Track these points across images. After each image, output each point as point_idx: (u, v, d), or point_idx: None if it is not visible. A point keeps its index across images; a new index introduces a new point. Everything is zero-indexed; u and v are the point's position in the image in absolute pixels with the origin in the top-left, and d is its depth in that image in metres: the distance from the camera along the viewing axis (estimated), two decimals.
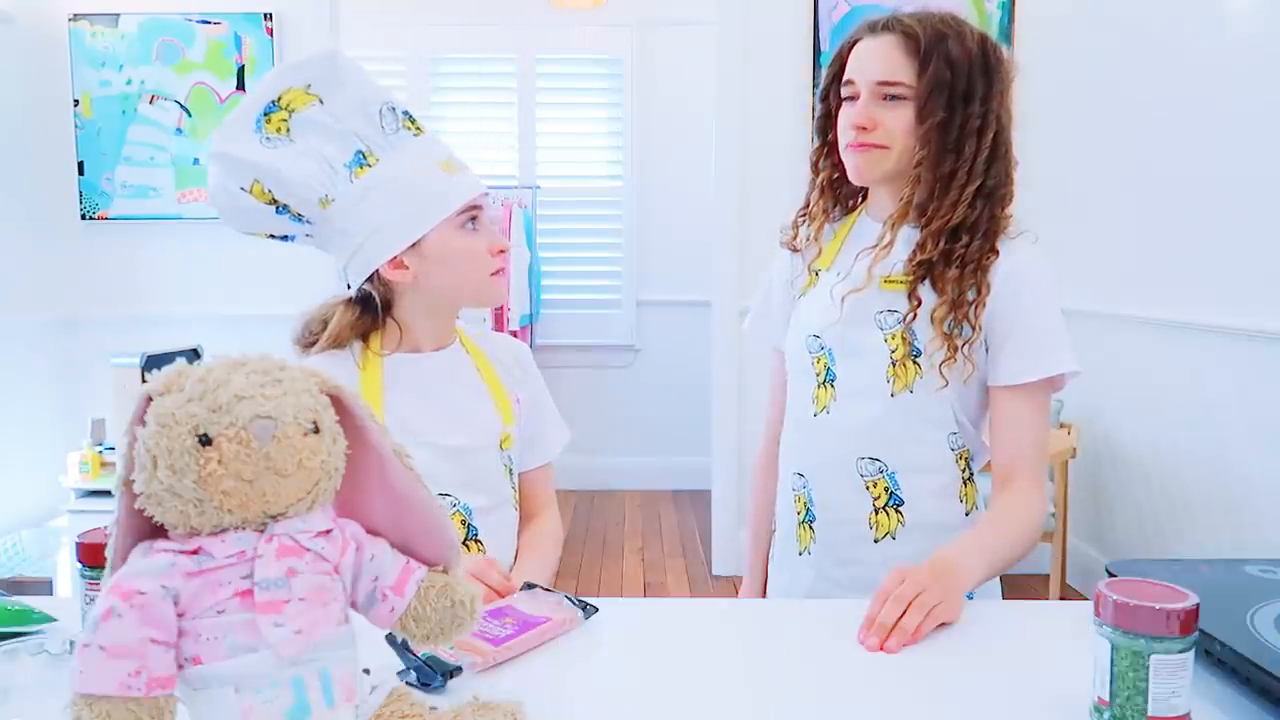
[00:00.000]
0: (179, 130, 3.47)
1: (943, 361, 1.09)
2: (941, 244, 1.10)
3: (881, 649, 0.88)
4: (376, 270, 1.10)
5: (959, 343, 1.09)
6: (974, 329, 1.09)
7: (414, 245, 1.09)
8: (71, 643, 0.84)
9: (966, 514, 1.16)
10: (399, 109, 1.09)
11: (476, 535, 1.13)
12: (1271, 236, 2.33)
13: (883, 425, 1.11)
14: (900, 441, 1.11)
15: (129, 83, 3.45)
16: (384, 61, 4.69)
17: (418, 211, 1.08)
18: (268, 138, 1.03)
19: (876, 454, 1.13)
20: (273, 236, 1.11)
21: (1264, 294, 2.36)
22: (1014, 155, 1.15)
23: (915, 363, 1.10)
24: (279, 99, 1.03)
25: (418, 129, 1.10)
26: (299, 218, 1.07)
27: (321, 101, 1.04)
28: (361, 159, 1.05)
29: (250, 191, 1.02)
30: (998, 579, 1.18)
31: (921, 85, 1.10)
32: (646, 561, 3.76)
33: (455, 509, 1.11)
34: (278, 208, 1.04)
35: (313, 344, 1.14)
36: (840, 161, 1.18)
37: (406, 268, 1.09)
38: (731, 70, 3.32)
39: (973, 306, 1.10)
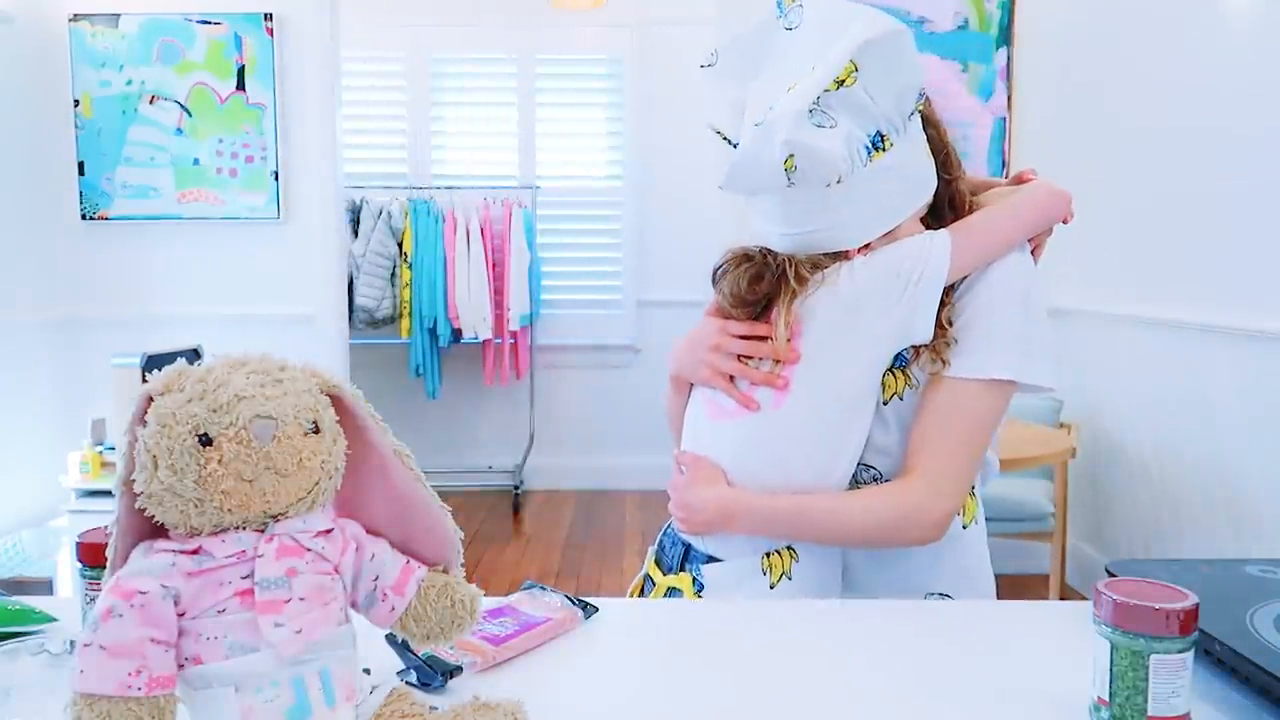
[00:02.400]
0: (179, 130, 3.47)
1: (932, 345, 1.05)
2: None
3: None
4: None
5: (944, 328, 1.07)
6: (950, 321, 1.06)
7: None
8: (72, 643, 0.84)
9: (964, 527, 1.12)
10: (923, 92, 1.03)
11: None
12: (1271, 236, 2.33)
13: (874, 434, 1.08)
14: (893, 450, 1.08)
15: (129, 83, 3.45)
16: (384, 61, 4.69)
17: (910, 196, 1.05)
18: (817, 125, 0.97)
19: (870, 461, 1.10)
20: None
21: (1264, 294, 2.37)
22: (940, 124, 1.11)
23: (903, 372, 1.07)
24: (840, 78, 0.96)
25: (920, 107, 1.04)
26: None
27: (862, 77, 0.97)
28: (880, 141, 0.99)
29: (784, 163, 0.97)
30: (993, 580, 1.17)
31: None
32: None
33: None
34: (789, 177, 0.98)
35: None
36: None
37: (868, 248, 1.05)
38: None
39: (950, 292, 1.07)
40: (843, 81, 0.95)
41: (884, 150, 0.99)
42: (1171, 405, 2.77)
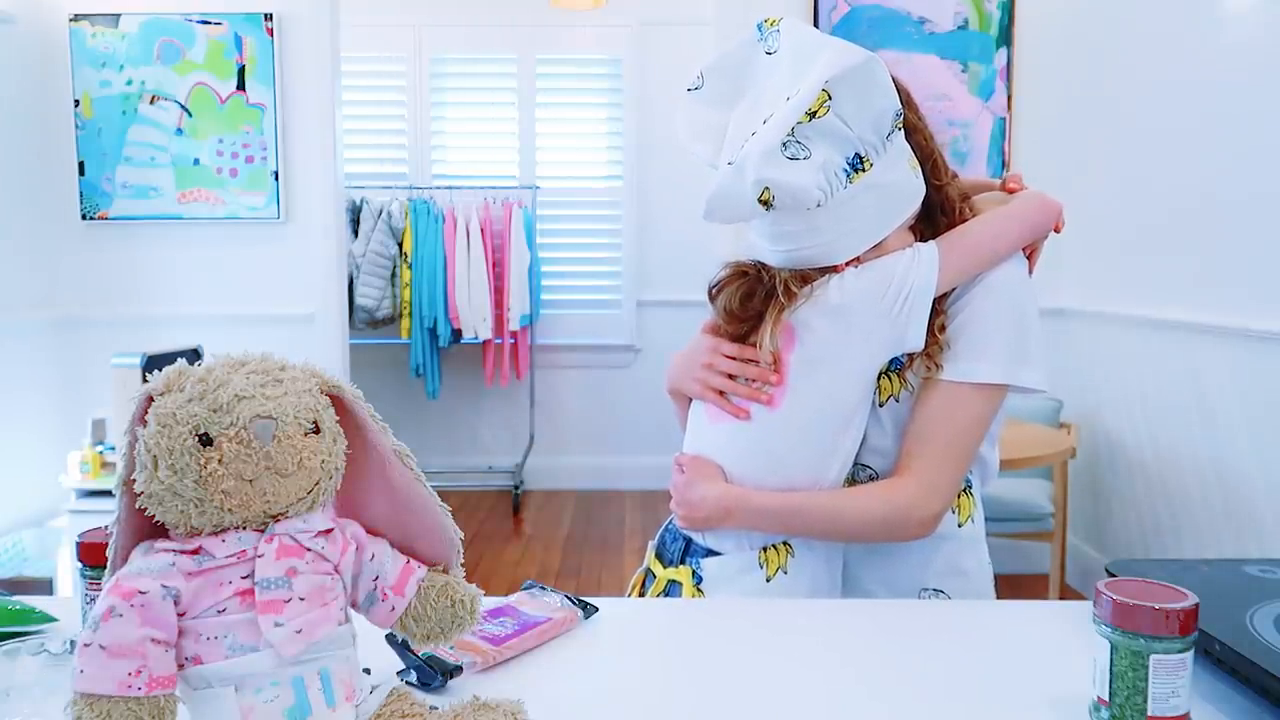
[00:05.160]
0: (179, 130, 3.47)
1: (925, 351, 1.07)
2: None
3: None
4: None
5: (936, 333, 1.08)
6: (942, 320, 1.08)
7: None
8: (72, 642, 0.84)
9: (959, 525, 1.14)
10: (900, 113, 1.03)
11: None
12: (1271, 236, 2.33)
13: (871, 435, 1.11)
14: (888, 451, 1.11)
15: (129, 83, 3.45)
16: (384, 61, 4.69)
17: (894, 210, 1.06)
18: (791, 157, 0.98)
19: (867, 461, 1.13)
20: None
21: (1263, 294, 2.37)
22: (925, 130, 1.12)
23: (899, 375, 1.10)
24: (812, 109, 0.97)
25: (900, 126, 1.04)
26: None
27: (835, 106, 0.97)
28: (859, 163, 1.01)
29: (759, 198, 0.99)
30: (993, 582, 1.18)
31: None
32: None
33: None
34: (769, 208, 1.00)
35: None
36: None
37: (859, 262, 1.07)
38: None
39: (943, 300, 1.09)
40: (814, 113, 0.97)
41: (864, 171, 1.01)
42: (1171, 405, 2.77)
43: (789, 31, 1.06)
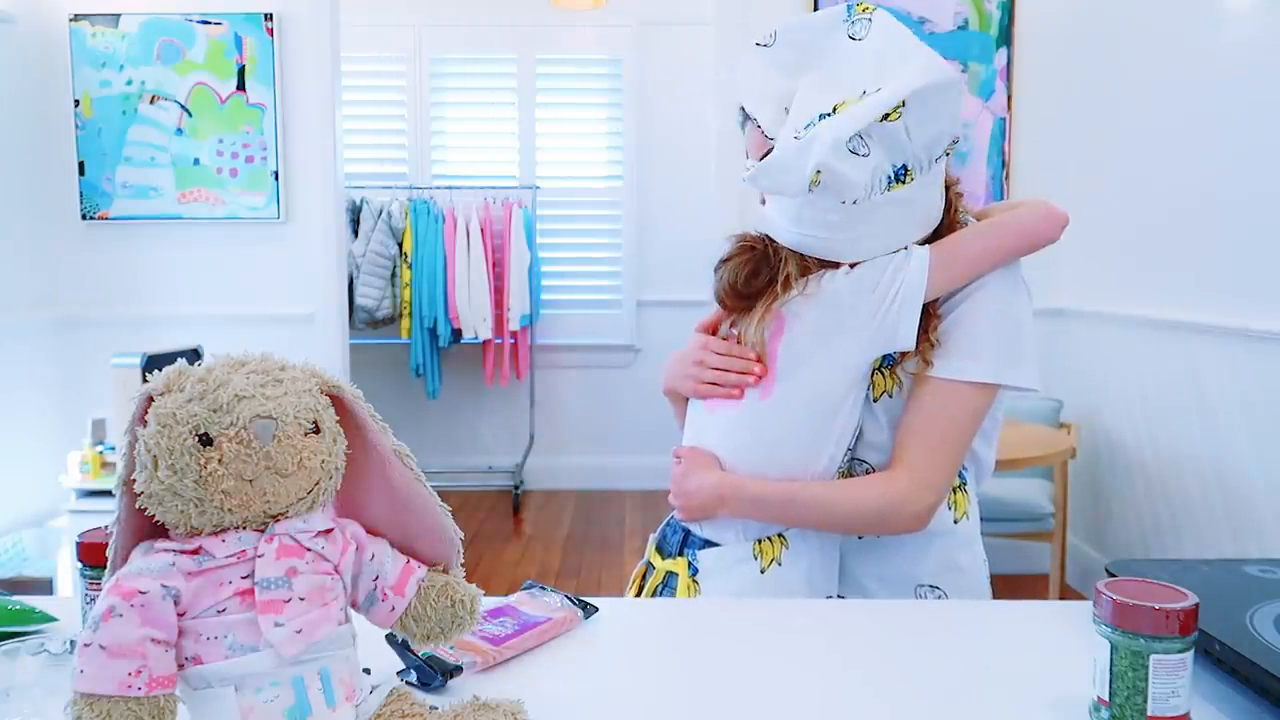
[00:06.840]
0: (179, 130, 3.47)
1: (917, 349, 1.08)
2: None
3: None
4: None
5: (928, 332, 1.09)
6: (935, 322, 1.09)
7: None
8: (72, 642, 0.84)
9: (955, 521, 1.15)
10: (956, 140, 1.06)
11: None
12: (1270, 236, 2.33)
13: (867, 431, 1.12)
14: (884, 446, 1.12)
15: (129, 83, 3.45)
16: (384, 61, 4.69)
17: (913, 228, 1.08)
18: (853, 151, 0.99)
19: (863, 456, 1.14)
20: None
21: (1263, 294, 2.37)
22: None
23: (892, 372, 1.11)
24: (888, 112, 0.98)
25: (950, 151, 1.07)
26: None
27: (906, 115, 0.99)
28: (903, 174, 1.03)
29: (810, 178, 0.99)
30: (988, 579, 1.19)
31: None
32: None
33: None
34: (811, 189, 1.01)
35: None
36: None
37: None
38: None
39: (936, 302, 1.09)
40: (888, 116, 0.98)
41: (904, 183, 1.03)
42: (1171, 405, 2.76)
43: (882, 24, 1.05)
